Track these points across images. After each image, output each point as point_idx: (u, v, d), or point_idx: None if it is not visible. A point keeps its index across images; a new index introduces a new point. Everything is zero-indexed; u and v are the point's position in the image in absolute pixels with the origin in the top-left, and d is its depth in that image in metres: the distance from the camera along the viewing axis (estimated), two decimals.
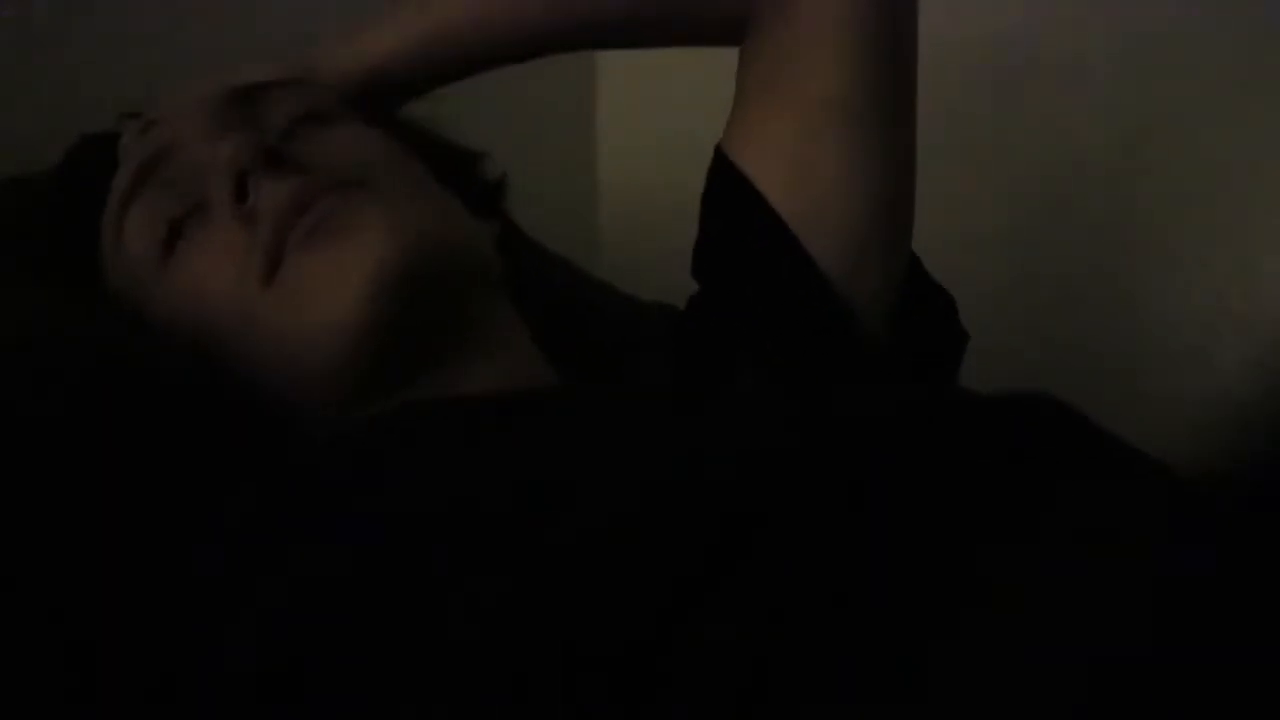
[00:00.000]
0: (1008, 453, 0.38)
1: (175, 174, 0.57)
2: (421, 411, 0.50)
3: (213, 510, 0.43)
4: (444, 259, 0.55)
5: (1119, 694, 0.28)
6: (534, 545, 0.37)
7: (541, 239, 0.81)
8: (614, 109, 1.17)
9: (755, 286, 0.60)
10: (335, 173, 0.55)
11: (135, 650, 0.39)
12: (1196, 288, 0.93)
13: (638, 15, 0.64)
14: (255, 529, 0.43)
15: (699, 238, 0.63)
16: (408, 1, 0.66)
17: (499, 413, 0.48)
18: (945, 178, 0.71)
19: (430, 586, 0.37)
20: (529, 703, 0.32)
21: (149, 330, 0.56)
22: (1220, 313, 0.91)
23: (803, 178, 0.59)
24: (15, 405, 0.46)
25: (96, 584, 0.41)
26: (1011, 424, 0.40)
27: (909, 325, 0.61)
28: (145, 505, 0.44)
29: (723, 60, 0.66)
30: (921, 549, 0.34)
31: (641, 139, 1.16)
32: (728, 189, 0.61)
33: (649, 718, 0.31)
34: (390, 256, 0.52)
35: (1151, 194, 0.95)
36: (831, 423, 0.41)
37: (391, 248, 0.52)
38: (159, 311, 0.57)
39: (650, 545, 0.35)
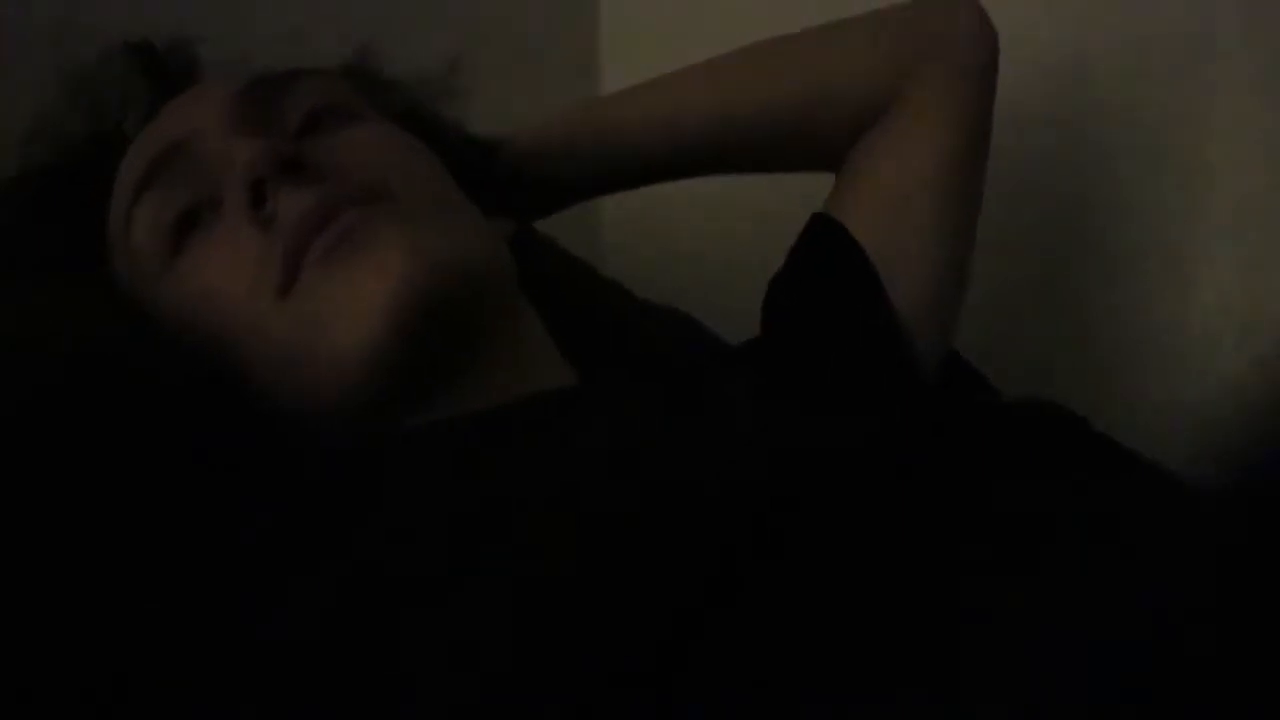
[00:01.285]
0: (1011, 458, 0.38)
1: (190, 169, 0.56)
2: (436, 425, 0.50)
3: (222, 530, 0.43)
4: (466, 280, 0.53)
5: (1123, 693, 0.28)
6: (548, 554, 0.37)
7: None
8: None
9: (830, 323, 0.63)
10: (357, 180, 0.54)
11: (140, 667, 0.39)
12: (1198, 288, 0.93)
13: (776, 143, 0.71)
14: (270, 548, 0.42)
15: (781, 273, 0.66)
16: (578, 105, 0.72)
17: (507, 424, 0.48)
18: None
19: (436, 595, 0.37)
20: (544, 709, 0.32)
21: (153, 332, 0.55)
22: (1222, 314, 0.91)
23: (897, 237, 0.66)
24: (8, 408, 0.45)
25: (98, 599, 0.41)
26: (1013, 430, 0.40)
27: (949, 381, 0.67)
28: (141, 520, 0.43)
29: None
30: (932, 555, 0.34)
31: None
32: (827, 237, 0.66)
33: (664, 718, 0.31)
34: (412, 280, 0.50)
35: (1152, 194, 0.95)
36: (841, 429, 0.41)
37: (413, 270, 0.50)
38: (165, 309, 0.55)
39: (665, 551, 0.35)
